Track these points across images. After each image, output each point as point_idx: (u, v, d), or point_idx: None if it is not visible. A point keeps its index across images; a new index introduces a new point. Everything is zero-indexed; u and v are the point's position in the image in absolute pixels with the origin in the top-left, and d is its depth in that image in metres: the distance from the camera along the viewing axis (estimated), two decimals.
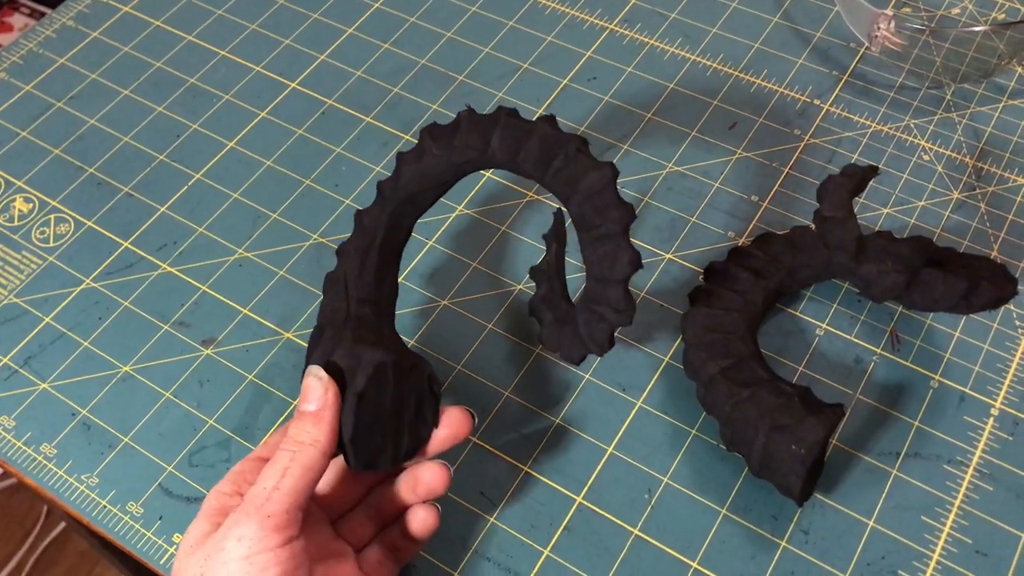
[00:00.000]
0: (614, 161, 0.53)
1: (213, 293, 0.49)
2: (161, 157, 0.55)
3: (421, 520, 0.39)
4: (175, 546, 0.42)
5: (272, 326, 0.48)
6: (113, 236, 0.52)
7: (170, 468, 0.44)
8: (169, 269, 0.50)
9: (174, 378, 0.47)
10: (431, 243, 0.51)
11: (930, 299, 0.40)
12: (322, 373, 0.36)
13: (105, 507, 0.43)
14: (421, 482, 0.38)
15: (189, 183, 0.54)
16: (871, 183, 0.52)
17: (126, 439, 0.45)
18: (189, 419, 0.45)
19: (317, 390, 0.36)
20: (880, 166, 0.53)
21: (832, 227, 0.41)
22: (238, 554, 0.33)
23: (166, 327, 0.48)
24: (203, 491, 0.43)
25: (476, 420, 0.39)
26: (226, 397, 0.46)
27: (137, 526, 0.42)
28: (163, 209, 0.53)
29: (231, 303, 0.49)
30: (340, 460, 0.38)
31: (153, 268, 0.51)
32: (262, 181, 0.54)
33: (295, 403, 0.45)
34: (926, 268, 0.40)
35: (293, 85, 0.58)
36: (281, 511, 0.34)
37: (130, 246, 0.51)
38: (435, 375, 0.39)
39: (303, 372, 0.37)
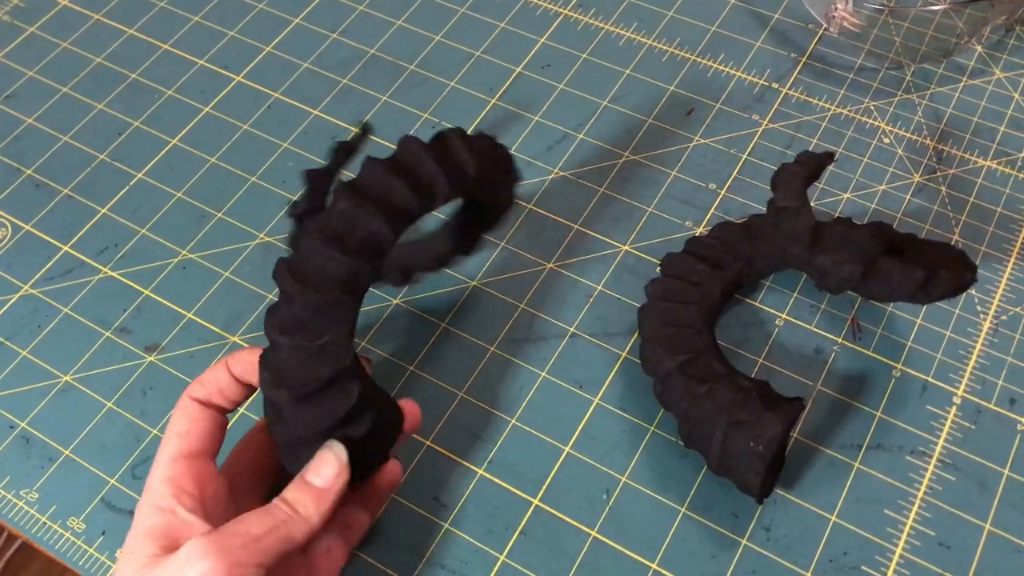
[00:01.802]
0: (570, 150, 0.52)
1: (156, 297, 0.48)
2: (102, 156, 0.53)
3: (388, 473, 0.37)
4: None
5: (217, 330, 0.47)
6: (52, 240, 0.50)
7: (113, 481, 0.42)
8: (110, 273, 0.49)
9: (116, 387, 0.45)
10: None
11: (887, 290, 0.39)
12: (342, 453, 0.35)
13: (45, 524, 0.41)
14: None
15: (131, 183, 0.52)
16: (831, 168, 0.51)
17: (67, 452, 0.43)
18: (132, 429, 0.44)
19: (332, 468, 0.34)
20: (839, 150, 0.52)
21: (786, 217, 0.40)
22: (183, 558, 0.31)
23: (108, 334, 0.47)
24: None
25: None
26: (170, 405, 0.44)
27: (79, 542, 0.41)
28: (104, 211, 0.51)
29: (175, 307, 0.47)
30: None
31: (94, 272, 0.49)
32: (206, 179, 0.52)
33: (241, 411, 0.44)
34: (883, 258, 0.39)
35: (238, 79, 0.57)
36: (252, 564, 0.32)
37: (70, 250, 0.50)
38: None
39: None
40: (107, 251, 0.49)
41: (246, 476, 0.38)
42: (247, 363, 0.36)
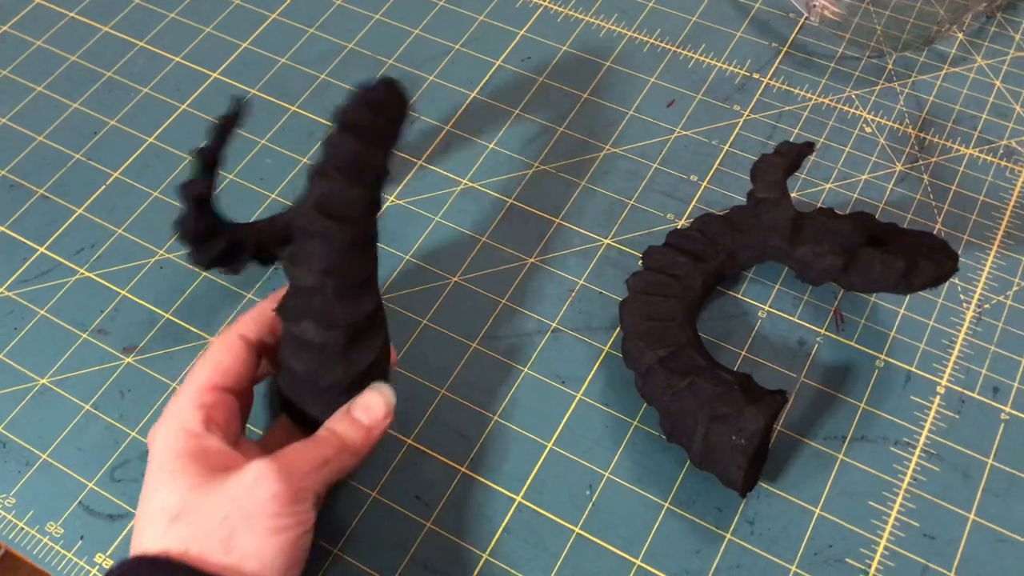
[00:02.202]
0: (551, 143, 0.52)
1: (133, 298, 0.47)
2: (77, 156, 0.53)
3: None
4: (97, 567, 0.40)
5: (196, 330, 0.46)
6: (27, 241, 0.49)
7: (91, 484, 0.42)
8: (87, 274, 0.48)
9: (94, 389, 0.44)
10: None
11: (868, 280, 0.39)
12: (391, 397, 0.37)
13: (23, 529, 0.41)
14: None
15: (107, 182, 0.52)
16: (812, 158, 0.51)
17: (44, 456, 0.43)
18: (111, 432, 0.43)
19: (381, 409, 0.37)
20: (820, 140, 0.51)
21: (765, 209, 0.39)
22: (269, 509, 0.33)
23: (85, 336, 0.46)
24: (127, 508, 0.41)
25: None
26: (149, 407, 0.44)
27: (57, 547, 0.40)
28: (80, 211, 0.50)
29: (152, 308, 0.47)
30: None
31: (70, 274, 0.48)
32: (183, 178, 0.51)
33: None
34: (864, 249, 0.39)
35: (215, 75, 0.56)
36: (312, 491, 0.34)
37: (46, 251, 0.49)
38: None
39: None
40: (83, 252, 0.49)
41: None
42: None
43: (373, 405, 0.36)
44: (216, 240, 0.42)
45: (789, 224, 0.39)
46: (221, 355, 0.36)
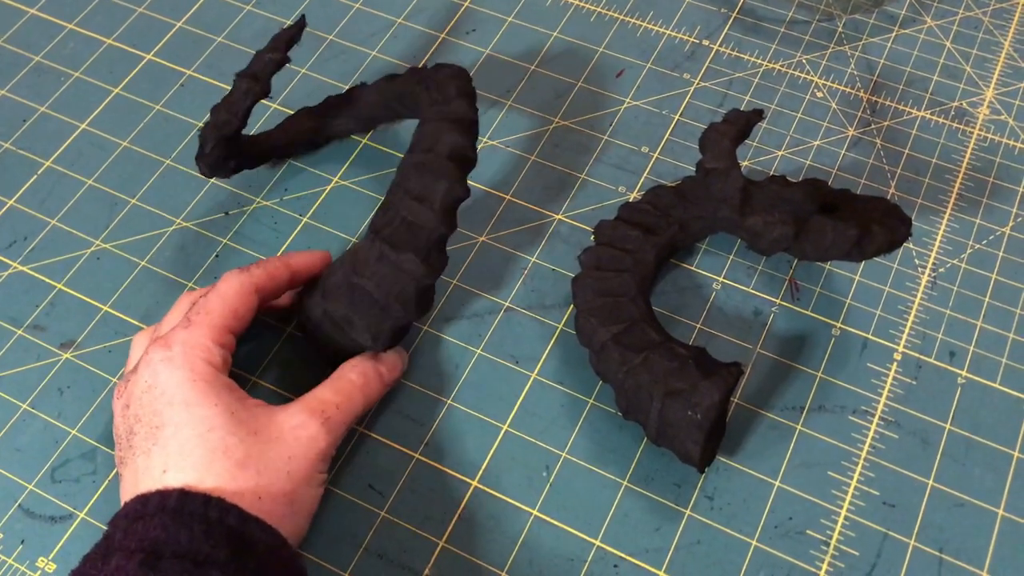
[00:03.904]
0: (499, 118, 0.50)
1: (70, 291, 0.45)
2: (6, 145, 0.51)
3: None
4: (39, 572, 0.38)
5: (136, 322, 0.44)
6: None
7: (31, 487, 0.40)
8: (20, 268, 0.46)
9: (31, 387, 0.43)
10: (306, 219, 0.47)
11: (821, 249, 0.38)
12: (406, 356, 0.42)
13: None
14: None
15: (39, 172, 0.49)
16: (763, 125, 0.50)
17: None
18: (50, 431, 0.42)
19: (398, 365, 0.41)
20: (772, 106, 0.51)
21: (715, 179, 0.39)
22: (320, 465, 0.36)
23: (20, 332, 0.44)
24: (68, 508, 0.40)
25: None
26: (89, 404, 0.42)
27: None
28: (11, 202, 0.48)
29: (90, 300, 0.45)
30: None
31: (3, 268, 0.46)
32: (118, 164, 0.50)
33: None
34: (815, 217, 0.38)
35: (148, 56, 0.54)
36: (345, 425, 0.37)
37: None
38: None
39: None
40: (16, 244, 0.47)
41: None
42: (308, 263, 0.41)
43: (393, 360, 0.40)
44: (230, 161, 0.45)
45: (739, 194, 0.38)
46: (237, 302, 0.38)
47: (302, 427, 0.35)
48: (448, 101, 0.40)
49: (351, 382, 0.38)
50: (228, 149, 0.44)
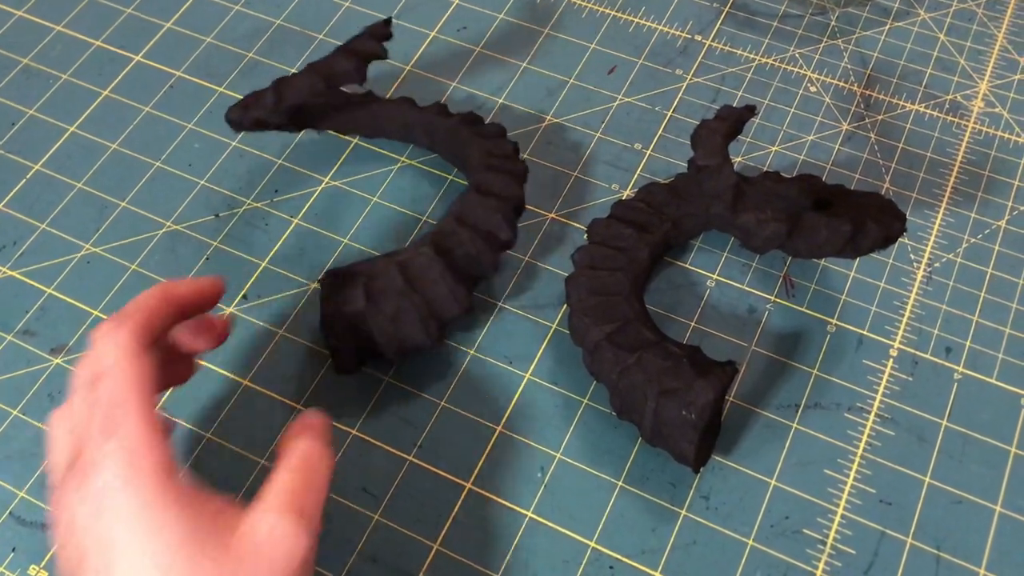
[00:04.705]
0: (490, 116, 0.50)
1: (60, 295, 0.45)
2: None
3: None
4: None
5: None
6: None
7: (22, 494, 0.40)
8: (10, 273, 0.46)
9: (21, 393, 0.42)
10: (297, 220, 0.47)
11: (814, 246, 0.38)
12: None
13: None
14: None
15: (28, 175, 0.49)
16: (756, 121, 0.50)
17: None
18: (41, 437, 0.41)
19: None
20: (766, 101, 0.50)
21: (707, 176, 0.38)
22: (280, 540, 0.29)
23: (10, 338, 0.44)
24: None
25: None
26: None
27: None
28: (0, 207, 0.48)
29: (81, 305, 0.45)
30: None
31: None
32: (108, 167, 0.49)
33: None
34: (808, 214, 0.38)
35: (137, 58, 0.54)
36: (316, 515, 0.31)
37: None
38: None
39: None
40: (5, 249, 0.47)
41: None
42: (194, 291, 0.35)
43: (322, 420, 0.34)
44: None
45: (731, 191, 0.38)
46: (138, 373, 0.31)
47: (277, 529, 0.29)
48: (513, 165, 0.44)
49: (307, 457, 0.32)
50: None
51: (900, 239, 0.45)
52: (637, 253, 0.42)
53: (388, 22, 0.46)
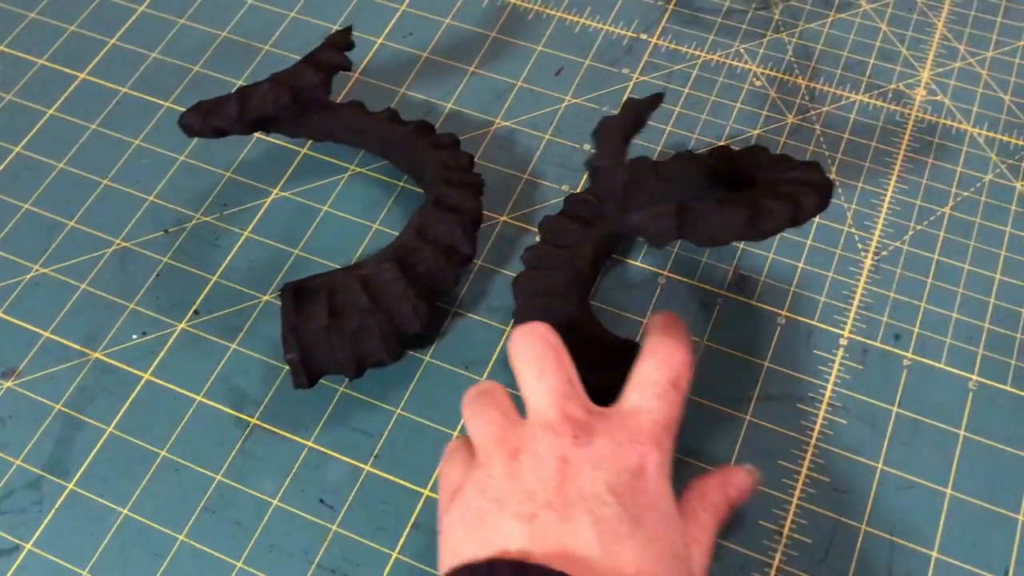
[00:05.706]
0: (439, 121, 0.50)
1: (9, 318, 0.45)
2: None
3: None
4: None
5: (78, 347, 0.44)
6: None
7: None
8: None
9: None
10: (247, 233, 0.47)
11: (711, 234, 0.34)
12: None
13: None
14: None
15: None
16: (704, 116, 0.50)
17: None
18: None
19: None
20: (712, 97, 0.51)
21: (600, 178, 0.37)
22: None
23: None
24: (15, 541, 0.39)
25: None
26: (32, 432, 0.42)
27: None
28: None
29: (30, 327, 0.44)
30: None
31: None
32: (55, 187, 0.49)
33: (110, 430, 0.41)
34: (700, 203, 0.35)
35: (83, 76, 0.53)
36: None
37: None
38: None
39: None
40: None
41: None
42: None
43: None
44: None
45: (622, 190, 0.37)
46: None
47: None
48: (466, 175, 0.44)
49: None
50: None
51: (847, 229, 0.45)
52: (581, 249, 0.42)
53: (348, 31, 0.46)
